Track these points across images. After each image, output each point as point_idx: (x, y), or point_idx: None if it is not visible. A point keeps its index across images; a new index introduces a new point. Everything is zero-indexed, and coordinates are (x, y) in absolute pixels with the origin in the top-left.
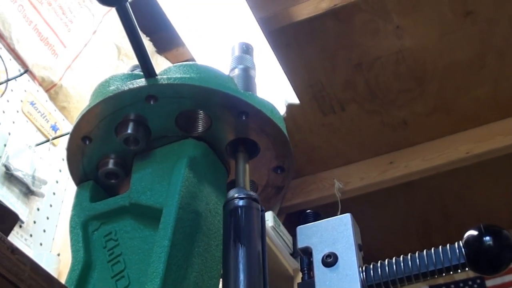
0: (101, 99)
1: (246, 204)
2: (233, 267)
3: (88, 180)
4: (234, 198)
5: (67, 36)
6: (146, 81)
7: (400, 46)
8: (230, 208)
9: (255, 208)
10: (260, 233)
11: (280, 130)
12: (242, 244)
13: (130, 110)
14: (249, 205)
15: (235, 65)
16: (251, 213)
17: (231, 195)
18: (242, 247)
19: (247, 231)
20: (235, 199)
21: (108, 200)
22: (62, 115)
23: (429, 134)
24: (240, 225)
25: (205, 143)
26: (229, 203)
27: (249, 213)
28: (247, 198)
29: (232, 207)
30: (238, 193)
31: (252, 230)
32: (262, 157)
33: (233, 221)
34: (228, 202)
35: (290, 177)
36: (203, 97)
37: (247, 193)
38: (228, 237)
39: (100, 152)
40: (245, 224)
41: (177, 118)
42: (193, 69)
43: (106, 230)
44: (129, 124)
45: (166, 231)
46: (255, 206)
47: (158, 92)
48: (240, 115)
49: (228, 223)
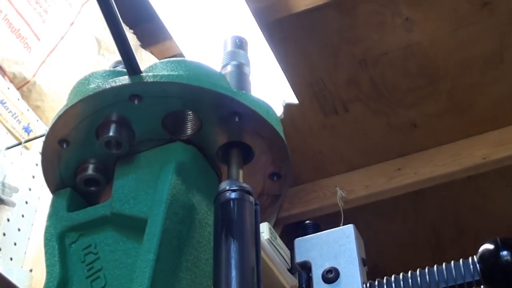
0: (80, 98)
1: (239, 196)
2: (224, 263)
3: (65, 187)
4: (226, 190)
5: (42, 27)
6: (129, 78)
7: (409, 40)
8: (221, 201)
9: (248, 201)
10: (254, 228)
11: (277, 132)
12: (234, 239)
13: (112, 110)
14: (241, 198)
15: (227, 62)
16: (244, 206)
17: (222, 187)
18: (234, 242)
19: (240, 225)
20: (227, 191)
21: (88, 210)
22: (35, 116)
23: (441, 138)
24: (232, 219)
25: (194, 147)
26: (220, 196)
27: (241, 206)
28: (239, 190)
29: (223, 200)
30: (230, 185)
31: (245, 224)
32: (257, 163)
33: (224, 215)
34: (219, 194)
35: (287, 185)
36: (192, 97)
37: (240, 185)
38: (219, 232)
39: (78, 157)
40: (237, 218)
41: (163, 119)
42: (181, 66)
43: (85, 242)
44: (111, 125)
45: (151, 244)
46: (248, 198)
47: (143, 91)
48: (233, 116)
49: (219, 217)
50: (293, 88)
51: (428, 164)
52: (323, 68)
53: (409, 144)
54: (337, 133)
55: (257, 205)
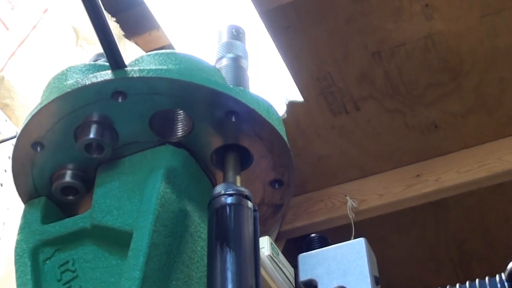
0: (56, 96)
1: (236, 201)
2: (220, 277)
3: (39, 196)
4: (221, 194)
5: (11, 15)
6: (112, 73)
7: (429, 29)
8: (216, 206)
9: (246, 207)
10: (253, 238)
11: (279, 134)
12: (231, 250)
13: (93, 109)
14: (239, 203)
15: (223, 54)
16: (242, 213)
17: (217, 191)
18: (230, 252)
19: (237, 234)
20: (222, 195)
21: (65, 221)
22: (4, 115)
23: (466, 140)
24: (228, 227)
25: (185, 150)
26: (215, 201)
27: (239, 213)
28: (236, 194)
29: (218, 206)
30: (226, 189)
31: (242, 233)
32: (256, 168)
33: (219, 223)
34: (213, 199)
35: (290, 193)
36: (183, 94)
37: (237, 189)
38: (213, 242)
39: (54, 162)
40: (234, 226)
41: (151, 119)
42: (171, 59)
43: (61, 258)
44: (92, 126)
45: (137, 260)
46: (247, 204)
47: (128, 88)
48: (229, 116)
49: (214, 225)
50: (297, 84)
51: (451, 170)
52: (331, 62)
53: (430, 147)
54: (347, 135)
55: (256, 211)
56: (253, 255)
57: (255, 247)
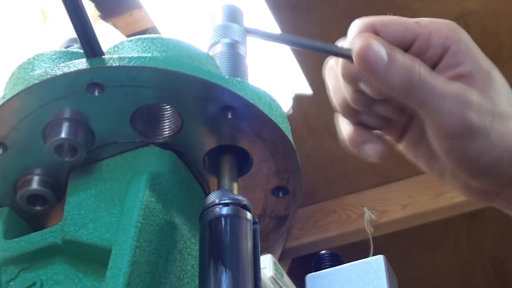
0: (22, 89)
1: (232, 212)
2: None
3: (1, 206)
4: (215, 204)
5: None
6: (87, 62)
7: (461, 9)
8: (209, 218)
9: (244, 218)
10: (252, 254)
11: (283, 133)
12: (227, 268)
13: (65, 104)
14: (236, 214)
15: (217, 39)
16: (239, 225)
17: (210, 201)
18: (226, 272)
19: (234, 250)
20: (217, 205)
21: (31, 236)
22: None
23: None
24: (224, 242)
25: (173, 152)
26: (208, 212)
27: (236, 225)
28: (233, 203)
29: (212, 217)
30: (221, 197)
31: (240, 249)
32: (257, 174)
33: (213, 237)
34: (206, 210)
35: (297, 203)
36: (170, 86)
37: (234, 197)
38: (206, 260)
39: (19, 166)
40: (230, 240)
41: (133, 116)
42: (156, 45)
43: (28, 279)
44: (63, 125)
45: (116, 281)
46: (245, 215)
47: (106, 79)
48: (225, 112)
49: (207, 240)
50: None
51: None
52: None
53: None
54: None
55: (256, 224)
56: (252, 276)
57: (255, 266)
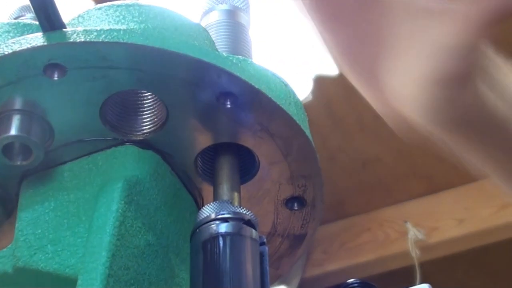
0: None
1: (233, 230)
2: None
3: None
4: (211, 220)
5: None
6: (44, 37)
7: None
8: (203, 238)
9: (249, 238)
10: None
11: (298, 127)
12: None
13: (15, 92)
14: (237, 232)
15: (212, 5)
16: (242, 247)
17: (205, 215)
18: None
19: (235, 279)
20: (213, 221)
21: None
22: None
23: None
24: (222, 269)
25: (156, 152)
26: (202, 230)
27: (238, 247)
28: (234, 219)
29: (206, 237)
30: (218, 211)
31: (243, 277)
32: (264, 180)
33: (208, 262)
34: (199, 227)
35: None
36: (151, 68)
37: (235, 211)
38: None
39: None
40: (230, 267)
41: (103, 106)
42: (132, 15)
43: None
44: (13, 118)
45: None
46: (250, 234)
47: (68, 59)
48: (222, 100)
49: (200, 266)
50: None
51: None
52: None
53: None
54: None
55: (264, 244)
56: None
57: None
